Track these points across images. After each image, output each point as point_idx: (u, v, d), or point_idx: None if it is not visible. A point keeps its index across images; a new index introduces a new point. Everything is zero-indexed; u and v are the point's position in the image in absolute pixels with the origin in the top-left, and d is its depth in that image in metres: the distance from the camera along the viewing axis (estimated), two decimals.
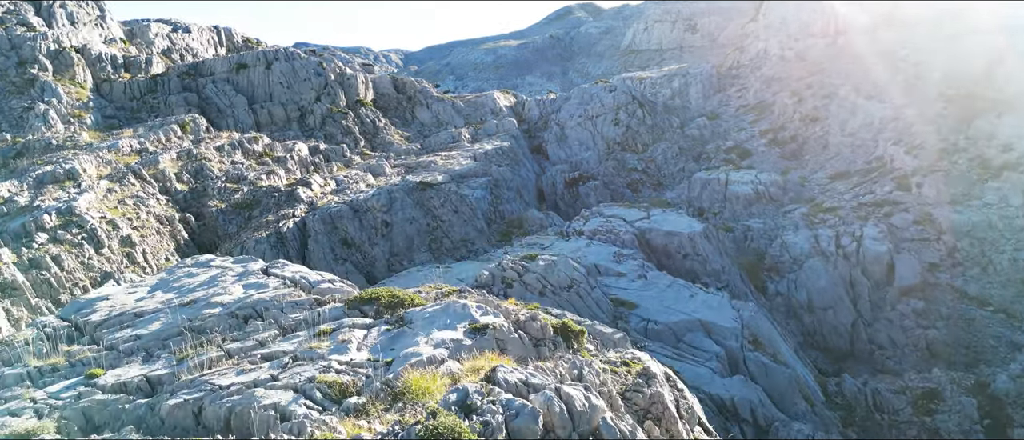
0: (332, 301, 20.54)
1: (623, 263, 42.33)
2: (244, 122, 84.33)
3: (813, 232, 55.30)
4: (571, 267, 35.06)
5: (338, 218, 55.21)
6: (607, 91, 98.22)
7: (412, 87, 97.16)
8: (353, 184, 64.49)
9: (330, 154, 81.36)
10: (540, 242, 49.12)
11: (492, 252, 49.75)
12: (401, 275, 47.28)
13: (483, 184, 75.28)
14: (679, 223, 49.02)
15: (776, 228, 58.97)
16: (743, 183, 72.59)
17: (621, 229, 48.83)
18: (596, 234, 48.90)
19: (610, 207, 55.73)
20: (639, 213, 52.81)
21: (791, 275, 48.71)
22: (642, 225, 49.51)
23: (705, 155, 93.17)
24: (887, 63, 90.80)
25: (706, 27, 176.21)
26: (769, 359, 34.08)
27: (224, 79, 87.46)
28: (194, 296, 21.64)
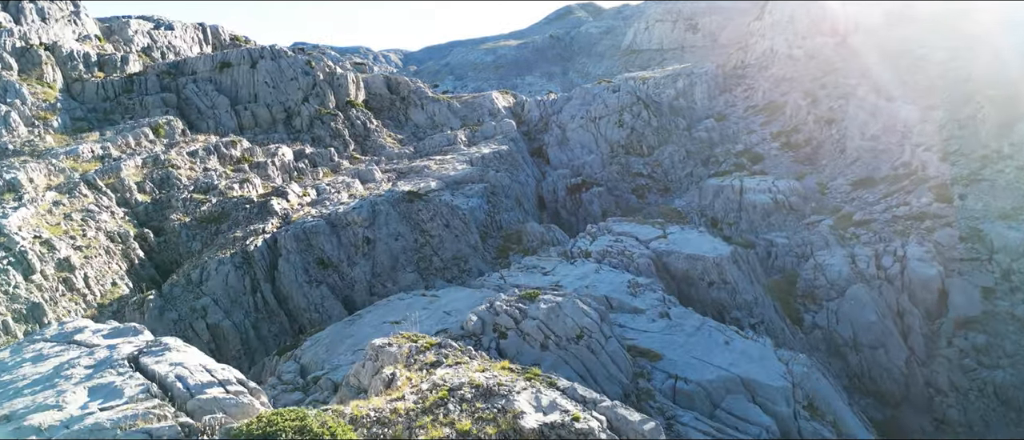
0: (209, 434, 12.32)
1: (640, 296, 34.18)
2: (226, 124, 76.18)
3: (848, 251, 47.13)
4: (580, 312, 26.92)
5: (314, 234, 47.05)
6: (610, 91, 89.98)
7: (406, 87, 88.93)
8: (335, 194, 56.30)
9: (316, 159, 73.23)
10: (541, 265, 40.95)
11: (487, 276, 41.58)
12: (381, 304, 39.15)
13: (479, 191, 67.16)
14: (701, 245, 40.79)
15: (803, 244, 50.78)
16: (760, 191, 64.42)
17: (634, 251, 40.64)
18: (606, 256, 40.73)
19: (619, 223, 47.50)
20: (653, 231, 44.55)
21: (830, 304, 40.63)
22: (659, 246, 41.27)
23: (714, 159, 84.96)
24: (908, 62, 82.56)
25: (707, 27, 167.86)
26: (830, 430, 25.97)
27: (206, 79, 79.28)
28: (12, 406, 13.52)
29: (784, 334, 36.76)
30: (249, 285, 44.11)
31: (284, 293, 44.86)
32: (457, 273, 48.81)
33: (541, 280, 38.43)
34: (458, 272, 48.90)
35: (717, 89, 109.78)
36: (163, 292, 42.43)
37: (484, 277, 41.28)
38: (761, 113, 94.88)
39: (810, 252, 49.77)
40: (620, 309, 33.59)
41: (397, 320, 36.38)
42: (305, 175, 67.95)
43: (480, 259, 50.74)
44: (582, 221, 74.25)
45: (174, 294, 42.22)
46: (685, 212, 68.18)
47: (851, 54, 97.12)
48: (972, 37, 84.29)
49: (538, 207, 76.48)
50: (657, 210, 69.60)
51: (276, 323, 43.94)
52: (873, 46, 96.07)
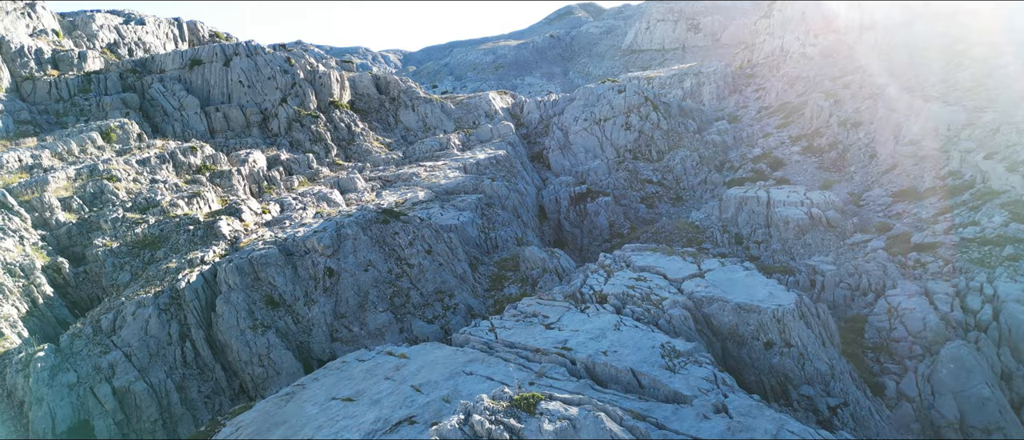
0: None
1: (682, 371, 23.13)
2: (195, 128, 65.09)
3: (920, 286, 36.01)
4: (604, 429, 15.88)
5: (263, 265, 35.95)
6: (616, 91, 78.76)
7: (396, 87, 77.71)
8: (300, 210, 45.17)
9: (293, 166, 62.12)
10: (543, 312, 29.88)
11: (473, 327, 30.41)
12: (333, 369, 28.16)
13: (472, 204, 56.06)
14: (753, 289, 29.63)
15: (857, 273, 39.61)
16: (791, 204, 53.21)
17: (664, 295, 29.55)
18: (627, 302, 29.63)
19: (641, 253, 36.27)
20: (684, 266, 33.38)
21: (919, 367, 29.52)
22: (695, 290, 30.06)
23: (729, 164, 73.80)
24: (945, 58, 71.37)
25: (709, 26, 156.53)
26: None
27: (175, 77, 68.15)
28: None
29: (869, 415, 25.76)
30: (176, 333, 33.05)
31: (222, 342, 33.81)
32: (440, 311, 37.69)
33: (543, 338, 27.39)
34: (442, 310, 37.78)
35: (726, 89, 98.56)
36: (61, 346, 31.38)
37: (470, 328, 30.15)
38: (776, 114, 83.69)
39: (867, 284, 38.58)
40: (653, 393, 22.55)
41: (350, 396, 25.43)
42: (275, 185, 56.88)
43: (469, 292, 39.61)
44: (587, 234, 63.15)
45: (75, 348, 31.19)
46: (704, 227, 57.04)
47: (875, 51, 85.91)
48: (1012, 31, 73.14)
49: (539, 218, 65.37)
50: (673, 224, 58.42)
51: (209, 381, 32.91)
52: (898, 42, 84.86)
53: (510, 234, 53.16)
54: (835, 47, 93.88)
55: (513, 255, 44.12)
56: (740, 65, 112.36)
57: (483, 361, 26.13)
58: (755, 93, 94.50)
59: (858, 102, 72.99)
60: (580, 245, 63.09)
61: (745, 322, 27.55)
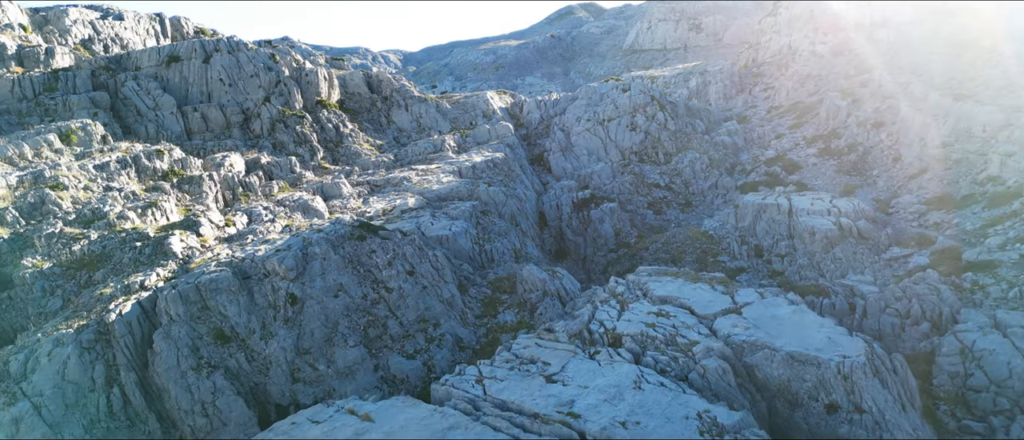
0: None
1: None
2: (170, 128, 58.42)
3: (988, 315, 29.32)
4: None
5: (213, 292, 29.27)
6: (620, 90, 71.97)
7: (388, 85, 70.96)
8: (268, 222, 38.48)
9: (273, 170, 55.44)
10: (543, 360, 23.25)
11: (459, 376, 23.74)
12: (280, 434, 21.54)
13: (467, 212, 49.39)
14: (806, 331, 22.84)
15: (905, 297, 32.90)
16: (816, 213, 46.42)
17: (694, 338, 22.89)
18: (647, 345, 22.98)
19: (659, 279, 29.45)
20: (713, 296, 26.65)
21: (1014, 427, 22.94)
22: (731, 331, 23.33)
23: (740, 167, 67.04)
24: (973, 55, 64.61)
25: (711, 26, 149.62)
26: None
27: (151, 75, 61.46)
28: None
29: None
30: (102, 376, 26.42)
31: (158, 386, 27.17)
32: (423, 344, 30.98)
33: (543, 396, 20.73)
34: (425, 342, 31.07)
35: (733, 88, 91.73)
36: None
37: (454, 378, 23.45)
38: (788, 114, 76.88)
39: (919, 311, 31.82)
40: None
41: None
42: (252, 192, 50.21)
43: (457, 319, 32.89)
44: (591, 243, 56.44)
45: None
46: (719, 237, 50.31)
47: (888, 49, 79.12)
48: None
49: (539, 226, 58.66)
50: (684, 234, 51.69)
51: (141, 435, 26.26)
52: (914, 39, 78.06)
53: (507, 246, 46.46)
54: (846, 45, 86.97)
55: (510, 274, 37.41)
56: (745, 64, 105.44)
57: (466, 428, 19.52)
58: (763, 92, 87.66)
59: (878, 101, 66.15)
60: (583, 255, 56.41)
61: (799, 377, 20.89)
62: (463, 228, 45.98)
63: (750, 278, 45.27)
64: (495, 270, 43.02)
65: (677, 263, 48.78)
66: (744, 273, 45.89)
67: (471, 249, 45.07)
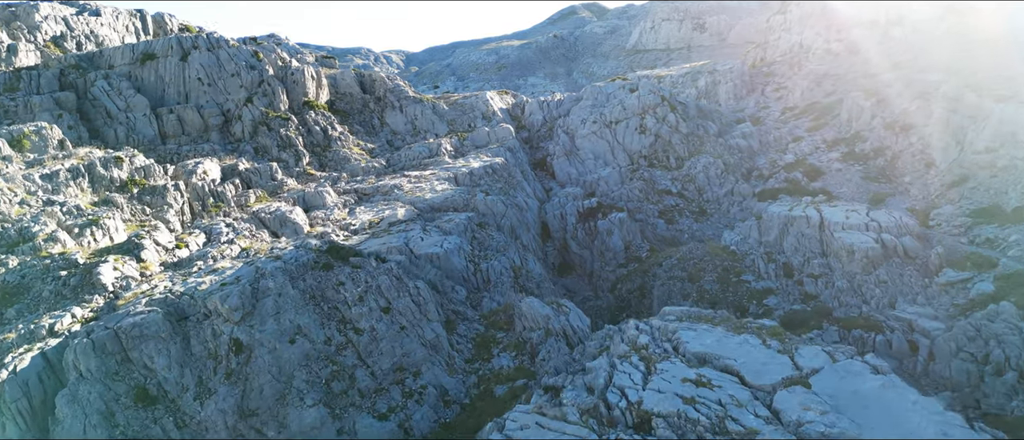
0: None
1: None
2: (142, 132, 51.94)
3: None
4: None
5: (137, 339, 22.72)
6: (627, 90, 65.26)
7: (382, 85, 64.32)
8: (226, 243, 31.91)
9: (252, 177, 48.88)
10: None
11: None
12: None
13: (461, 225, 42.82)
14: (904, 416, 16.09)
15: (979, 336, 26.31)
16: (853, 228, 39.68)
17: (752, 423, 16.40)
18: (687, 431, 16.39)
19: (692, 326, 22.65)
20: (767, 357, 19.99)
21: None
22: (805, 419, 16.54)
23: (757, 172, 60.28)
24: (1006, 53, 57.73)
25: (715, 26, 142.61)
26: None
27: (124, 74, 54.97)
28: None
29: None
30: None
31: None
32: (399, 399, 24.41)
33: None
34: (402, 397, 24.50)
35: (743, 88, 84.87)
36: None
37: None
38: (804, 116, 70.03)
39: (1002, 358, 25.22)
40: None
41: None
42: (224, 203, 43.66)
43: (442, 366, 26.32)
44: (599, 257, 49.79)
45: None
46: (742, 253, 43.62)
47: (910, 46, 72.23)
48: None
49: (541, 237, 52.06)
50: (703, 250, 45.00)
51: None
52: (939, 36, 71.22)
53: (505, 264, 39.83)
54: (863, 42, 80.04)
55: (507, 306, 30.82)
56: (754, 63, 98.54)
57: None
58: (775, 92, 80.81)
59: (905, 102, 59.27)
60: (590, 269, 49.79)
61: None
62: (456, 244, 39.41)
63: (779, 301, 38.61)
64: (491, 294, 36.42)
65: (694, 282, 42.13)
66: (772, 295, 39.23)
67: (465, 269, 38.50)
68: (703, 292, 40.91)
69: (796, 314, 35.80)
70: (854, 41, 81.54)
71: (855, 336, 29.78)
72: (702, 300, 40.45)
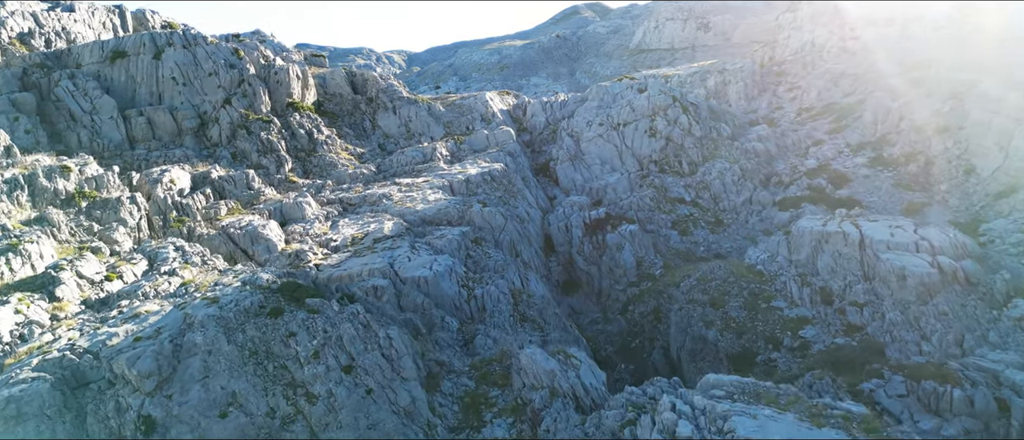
0: None
1: None
2: (109, 136, 45.76)
3: None
4: None
5: (13, 420, 16.49)
6: (636, 91, 58.89)
7: (374, 85, 58.05)
8: (164, 274, 25.65)
9: (227, 185, 42.65)
10: None
11: None
12: None
13: (455, 242, 36.62)
14: None
15: None
16: (901, 248, 33.33)
17: None
18: None
19: (748, 410, 16.59)
20: None
21: None
22: None
23: (776, 178, 53.91)
24: None
25: (719, 25, 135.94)
26: None
27: (92, 73, 48.80)
28: None
29: None
30: None
31: None
32: None
33: None
34: None
35: (755, 88, 78.34)
36: None
37: None
38: (822, 117, 63.58)
39: None
40: None
41: None
42: (190, 216, 37.48)
43: None
44: (608, 274, 43.50)
45: None
46: (770, 274, 37.28)
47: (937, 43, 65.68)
48: None
49: (545, 251, 45.81)
50: (725, 270, 38.65)
51: None
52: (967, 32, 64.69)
53: (504, 289, 33.60)
54: (881, 41, 73.49)
55: (502, 354, 24.55)
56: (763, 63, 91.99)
57: None
58: (789, 92, 74.32)
59: (937, 102, 52.82)
60: (598, 288, 43.53)
61: None
62: (448, 266, 33.20)
63: (818, 333, 32.32)
64: (487, 327, 30.20)
65: (718, 308, 35.84)
66: (809, 325, 32.93)
67: (457, 295, 32.29)
68: (728, 320, 34.63)
69: (841, 352, 29.54)
70: (870, 39, 74.97)
71: (926, 389, 23.51)
72: (728, 329, 34.18)
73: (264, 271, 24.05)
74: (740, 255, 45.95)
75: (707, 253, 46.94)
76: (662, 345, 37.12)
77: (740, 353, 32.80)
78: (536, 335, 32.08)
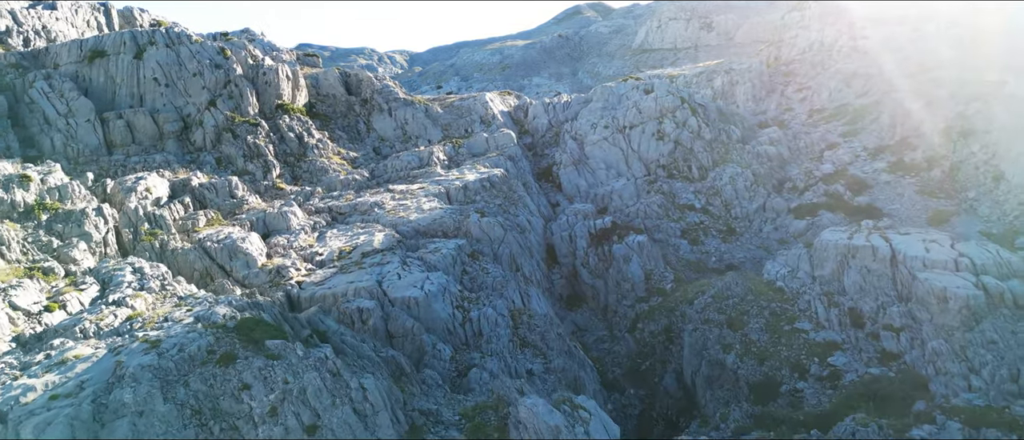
0: None
1: None
2: (85, 140, 42.13)
3: None
4: None
5: None
6: (642, 91, 55.14)
7: (369, 86, 54.35)
8: (112, 306, 21.96)
9: (208, 193, 38.99)
10: None
11: None
12: None
13: (450, 257, 32.99)
14: None
15: None
16: (939, 266, 29.57)
17: None
18: None
19: None
20: None
21: None
22: None
23: (790, 184, 50.12)
24: None
25: (722, 25, 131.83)
26: None
27: (70, 74, 45.17)
28: None
29: None
30: None
31: None
32: None
33: None
34: None
35: (762, 89, 74.47)
36: None
37: None
38: (835, 119, 59.72)
39: None
40: None
41: None
42: (163, 228, 33.85)
43: None
44: (615, 289, 39.77)
45: None
46: (792, 292, 33.54)
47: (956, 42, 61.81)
48: None
49: (547, 263, 42.11)
50: (743, 286, 34.90)
51: None
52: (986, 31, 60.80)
53: (502, 310, 29.97)
54: (893, 40, 69.55)
55: (498, 401, 20.73)
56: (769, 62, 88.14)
57: None
58: (798, 93, 70.45)
59: (960, 104, 49.02)
60: (604, 303, 39.82)
61: None
62: (441, 286, 29.56)
63: (850, 360, 28.60)
64: (483, 354, 26.58)
65: (736, 329, 32.12)
66: (839, 351, 29.21)
67: (450, 318, 28.65)
68: (748, 344, 30.92)
69: (879, 385, 25.84)
70: (883, 38, 71.00)
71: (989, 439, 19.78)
72: (748, 354, 30.46)
73: (223, 303, 20.40)
74: (755, 266, 42.24)
75: (719, 264, 43.23)
76: (675, 368, 33.44)
77: (762, 381, 29.10)
78: (538, 362, 28.43)
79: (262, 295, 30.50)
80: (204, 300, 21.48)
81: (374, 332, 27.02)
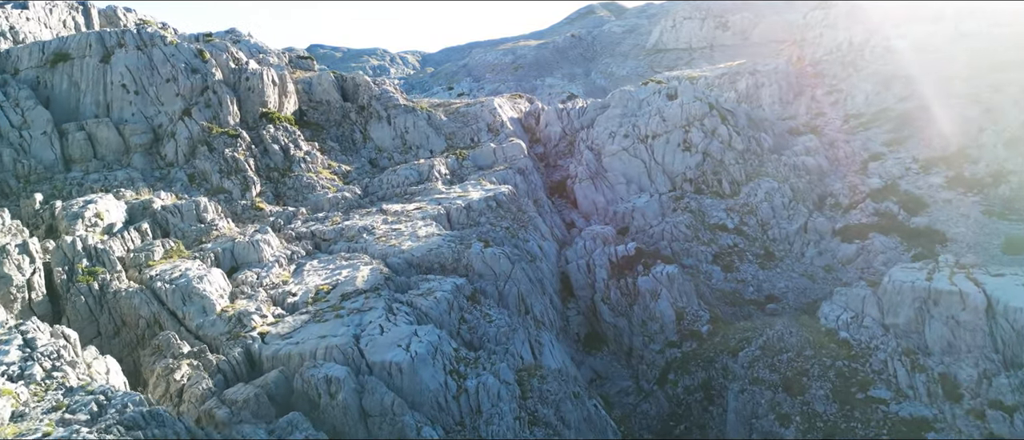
0: None
1: None
2: (40, 155, 35.58)
3: None
4: None
5: None
6: (665, 96, 47.93)
7: (366, 92, 47.47)
8: None
9: (170, 219, 32.26)
10: None
11: None
12: None
13: (445, 302, 26.14)
14: None
15: None
16: None
17: None
18: None
19: None
20: None
21: None
22: None
23: (832, 200, 42.74)
24: None
25: (738, 24, 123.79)
26: None
27: (30, 80, 38.61)
28: None
29: None
30: None
31: None
32: None
33: None
34: None
35: (790, 91, 66.83)
36: None
37: None
38: (875, 125, 52.16)
39: None
40: None
41: None
42: (107, 264, 27.21)
43: None
44: (640, 329, 32.70)
45: None
46: (860, 346, 26.38)
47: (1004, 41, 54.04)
48: None
49: (562, 295, 35.09)
50: (797, 337, 27.74)
51: None
52: None
53: (506, 376, 23.15)
54: (931, 40, 61.81)
55: None
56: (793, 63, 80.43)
57: None
58: (829, 96, 62.83)
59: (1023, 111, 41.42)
60: (627, 346, 32.77)
61: None
62: (432, 345, 22.70)
63: None
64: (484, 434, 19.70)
65: (795, 394, 25.01)
66: (931, 431, 22.03)
67: (441, 390, 21.82)
68: (813, 416, 23.82)
69: None
70: (920, 38, 63.16)
71: None
72: (813, 429, 23.36)
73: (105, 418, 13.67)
74: (797, 298, 35.10)
75: (758, 295, 36.11)
76: (717, 437, 26.38)
77: None
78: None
79: (215, 352, 23.86)
80: (91, 403, 14.76)
81: (344, 410, 20.32)
